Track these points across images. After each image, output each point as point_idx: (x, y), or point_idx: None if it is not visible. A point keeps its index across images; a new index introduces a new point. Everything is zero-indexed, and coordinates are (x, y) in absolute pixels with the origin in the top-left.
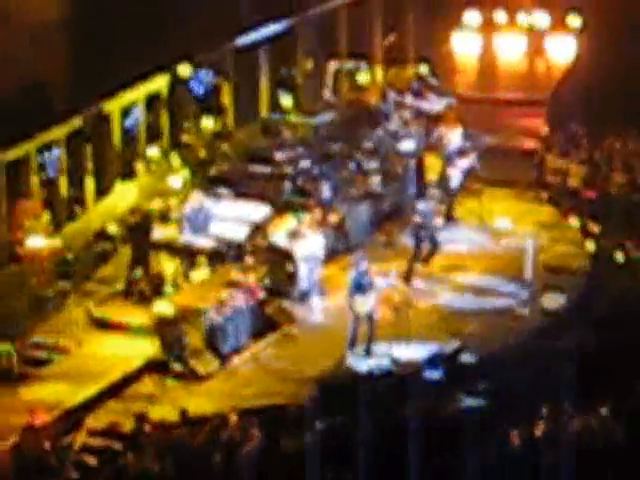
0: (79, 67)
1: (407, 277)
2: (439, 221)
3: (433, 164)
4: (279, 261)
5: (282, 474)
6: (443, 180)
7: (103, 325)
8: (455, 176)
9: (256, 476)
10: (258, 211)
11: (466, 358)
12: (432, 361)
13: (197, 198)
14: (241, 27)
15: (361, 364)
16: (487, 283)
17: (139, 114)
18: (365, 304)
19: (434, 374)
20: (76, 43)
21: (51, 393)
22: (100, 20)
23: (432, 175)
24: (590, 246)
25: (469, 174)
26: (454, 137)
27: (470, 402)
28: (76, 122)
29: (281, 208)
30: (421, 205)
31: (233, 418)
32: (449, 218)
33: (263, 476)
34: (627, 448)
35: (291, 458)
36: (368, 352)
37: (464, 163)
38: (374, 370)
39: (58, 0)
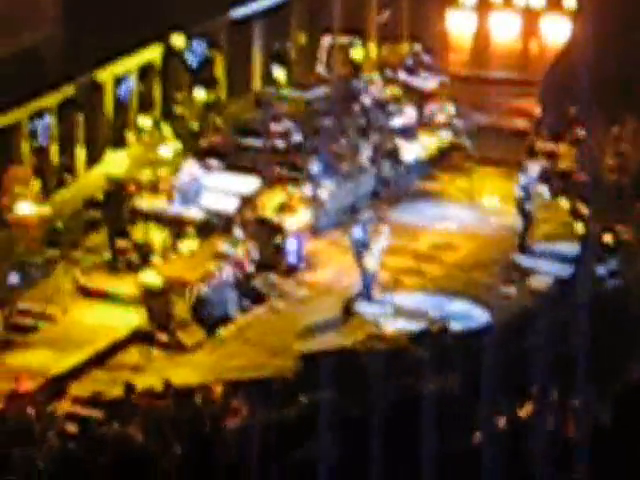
0: (73, 36)
1: (522, 248)
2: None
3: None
4: (268, 235)
5: (266, 448)
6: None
7: (90, 293)
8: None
9: (241, 450)
10: (248, 184)
11: (449, 338)
12: (419, 337)
13: (189, 169)
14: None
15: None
16: (475, 262)
17: (132, 84)
18: (372, 259)
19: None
20: (70, 12)
21: (36, 360)
22: None
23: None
24: (580, 228)
25: None
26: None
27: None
28: (68, 90)
29: (271, 181)
30: (522, 180)
31: (217, 390)
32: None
33: (247, 450)
34: (613, 431)
35: (276, 432)
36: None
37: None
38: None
39: None
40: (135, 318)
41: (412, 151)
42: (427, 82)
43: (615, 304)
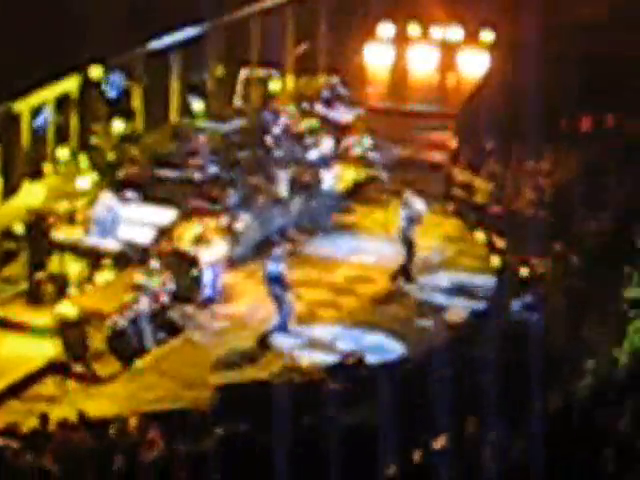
0: None
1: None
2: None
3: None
4: (184, 266)
5: None
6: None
7: (5, 325)
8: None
9: None
10: (164, 215)
11: (364, 370)
12: (333, 370)
13: (105, 200)
14: (153, 31)
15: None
16: (391, 295)
17: (48, 115)
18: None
19: None
20: None
21: None
22: (10, 19)
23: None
24: (495, 261)
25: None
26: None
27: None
28: None
29: (188, 213)
30: (404, 213)
31: (133, 422)
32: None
33: None
34: (526, 465)
35: (190, 464)
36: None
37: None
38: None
39: None
40: (51, 349)
41: (329, 182)
42: (344, 115)
43: (531, 338)
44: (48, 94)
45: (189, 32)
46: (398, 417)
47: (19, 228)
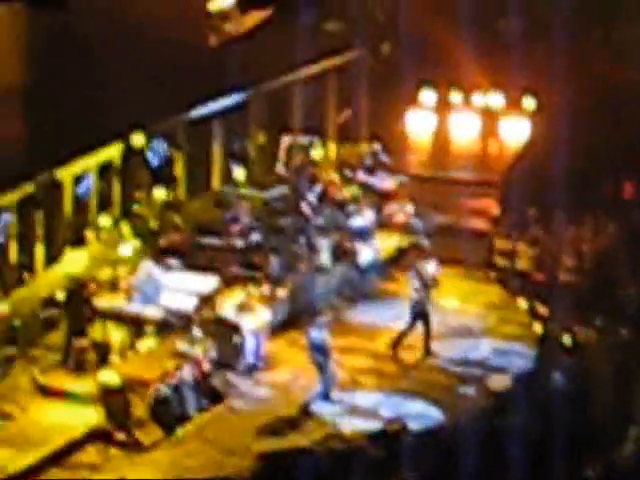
0: (32, 134)
1: (394, 346)
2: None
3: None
4: (226, 334)
5: None
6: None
7: (47, 392)
8: (365, 253)
9: None
10: (207, 283)
11: (408, 437)
12: (375, 437)
13: (147, 268)
14: (195, 99)
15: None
16: (432, 362)
17: (91, 182)
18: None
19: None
20: (30, 110)
21: None
22: (54, 88)
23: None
24: (538, 328)
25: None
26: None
27: None
28: (28, 188)
29: (230, 281)
30: (416, 283)
31: None
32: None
33: None
34: None
35: None
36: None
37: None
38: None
39: (13, 67)
40: (93, 417)
41: (369, 253)
42: (386, 182)
43: (573, 406)
44: (91, 162)
45: (231, 99)
46: None
47: (61, 296)
